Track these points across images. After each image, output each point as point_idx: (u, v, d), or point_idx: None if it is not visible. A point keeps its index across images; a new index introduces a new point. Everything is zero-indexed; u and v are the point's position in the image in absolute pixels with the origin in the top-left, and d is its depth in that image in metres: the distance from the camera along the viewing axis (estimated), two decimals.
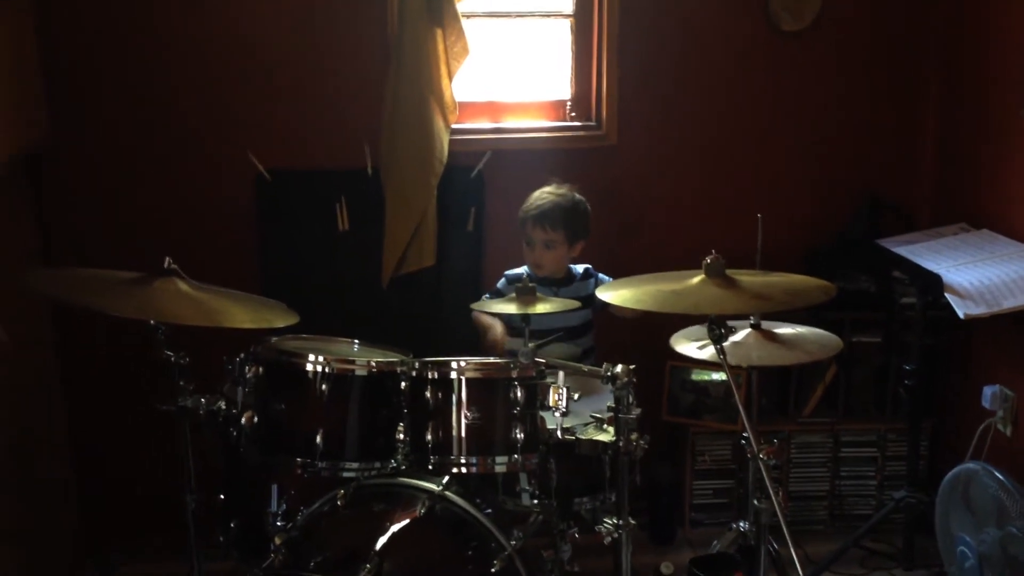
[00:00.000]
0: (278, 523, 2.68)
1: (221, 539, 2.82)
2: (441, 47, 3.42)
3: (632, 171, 3.68)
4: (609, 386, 2.47)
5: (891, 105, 3.79)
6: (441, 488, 2.56)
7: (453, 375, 2.43)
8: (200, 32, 3.42)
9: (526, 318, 2.67)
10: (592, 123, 3.69)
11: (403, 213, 3.49)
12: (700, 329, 2.77)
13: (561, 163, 3.60)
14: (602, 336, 3.39)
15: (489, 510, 2.62)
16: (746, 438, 2.72)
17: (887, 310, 3.65)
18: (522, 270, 3.30)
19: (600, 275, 3.30)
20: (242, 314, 2.56)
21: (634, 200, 3.70)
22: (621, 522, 2.42)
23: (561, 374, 2.48)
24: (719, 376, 3.67)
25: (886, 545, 3.59)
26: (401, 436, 2.52)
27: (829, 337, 2.74)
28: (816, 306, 2.40)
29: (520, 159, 3.63)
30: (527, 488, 2.66)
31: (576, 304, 2.85)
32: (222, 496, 2.80)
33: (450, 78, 3.46)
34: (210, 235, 3.52)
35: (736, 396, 2.34)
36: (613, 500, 2.69)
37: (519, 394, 2.40)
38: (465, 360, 2.46)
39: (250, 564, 2.79)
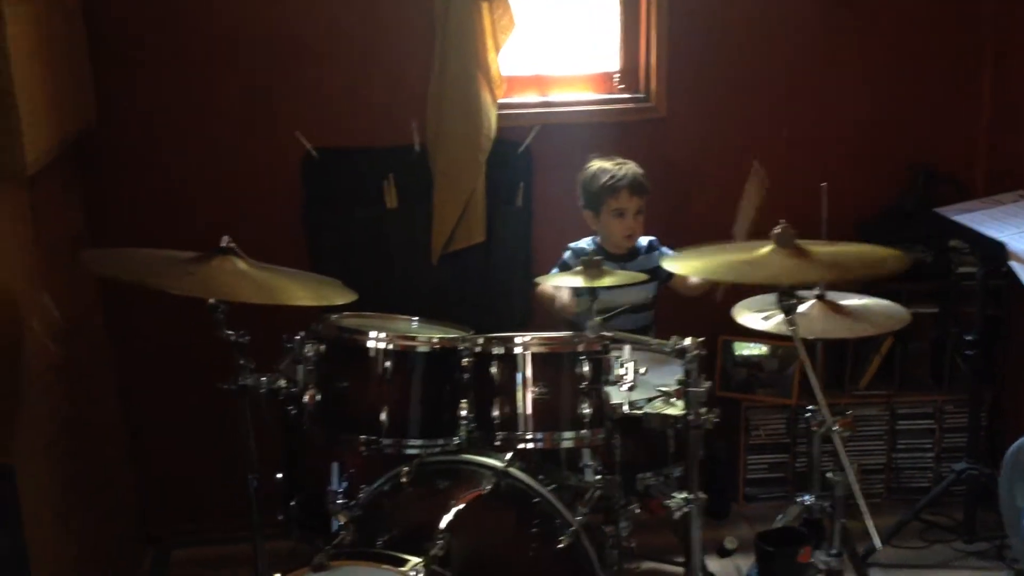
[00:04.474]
0: (339, 501, 2.66)
1: (280, 518, 2.82)
2: (487, 20, 3.37)
3: (682, 144, 3.62)
4: (674, 359, 2.44)
5: (945, 71, 3.71)
6: (505, 464, 2.54)
7: (518, 350, 2.40)
8: (246, 9, 3.38)
9: (593, 291, 2.63)
10: (641, 95, 3.63)
11: (452, 190, 3.45)
12: (763, 300, 2.73)
13: (609, 136, 3.55)
14: None
15: (553, 486, 2.60)
16: (812, 411, 2.69)
17: (943, 280, 3.59)
18: (586, 242, 3.25)
19: (664, 248, 3.24)
20: (301, 291, 2.53)
21: (684, 173, 3.64)
22: (691, 496, 2.38)
23: (627, 347, 2.45)
24: (770, 350, 3.64)
25: (946, 518, 3.54)
26: (463, 412, 2.51)
27: (896, 309, 2.69)
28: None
29: (568, 133, 3.58)
30: (590, 463, 2.63)
31: (644, 276, 2.80)
32: (280, 475, 2.80)
33: (497, 52, 3.41)
34: (257, 214, 3.49)
35: (808, 368, 2.29)
36: (677, 475, 2.69)
37: (585, 368, 2.37)
38: (530, 335, 2.43)
39: (311, 542, 2.80)
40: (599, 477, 2.61)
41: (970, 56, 3.70)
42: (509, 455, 2.55)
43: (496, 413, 2.39)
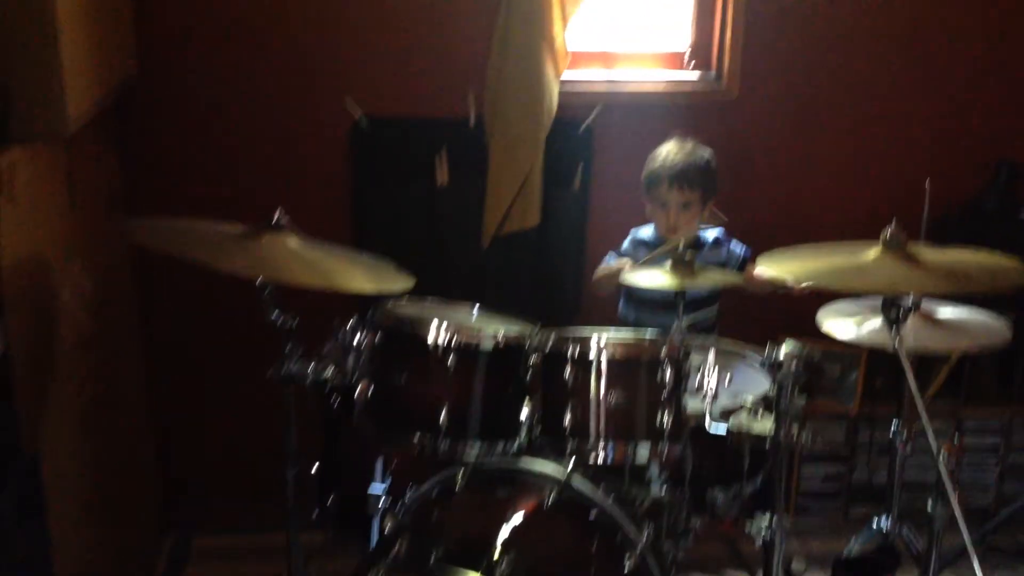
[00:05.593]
0: (382, 501, 2.49)
1: (316, 512, 2.64)
2: None
3: (754, 128, 3.40)
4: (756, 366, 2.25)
5: None
6: (567, 473, 2.34)
7: (593, 352, 2.20)
8: None
9: (681, 294, 2.42)
10: (712, 75, 3.41)
11: (508, 169, 3.24)
12: (854, 305, 2.53)
13: (677, 118, 3.32)
14: None
15: (612, 496, 2.41)
16: (895, 430, 2.51)
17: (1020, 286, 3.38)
18: (648, 230, 3.04)
19: (733, 243, 3.04)
20: (359, 276, 2.34)
21: (755, 159, 3.42)
22: (775, 521, 2.19)
23: (711, 353, 2.25)
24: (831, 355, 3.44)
25: (1010, 540, 3.35)
26: (524, 414, 2.32)
27: (996, 322, 2.47)
28: None
29: (632, 113, 3.36)
30: (657, 475, 2.44)
31: (739, 278, 2.59)
32: (316, 467, 2.62)
33: (564, 23, 3.19)
34: (300, 183, 3.30)
35: (912, 385, 2.10)
36: (750, 492, 2.50)
37: (667, 375, 2.17)
38: (607, 334, 2.23)
39: (346, 540, 2.62)
40: (665, 490, 2.41)
41: None
42: (571, 463, 2.35)
43: (568, 419, 2.18)
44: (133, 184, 3.19)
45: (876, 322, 2.43)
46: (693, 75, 3.41)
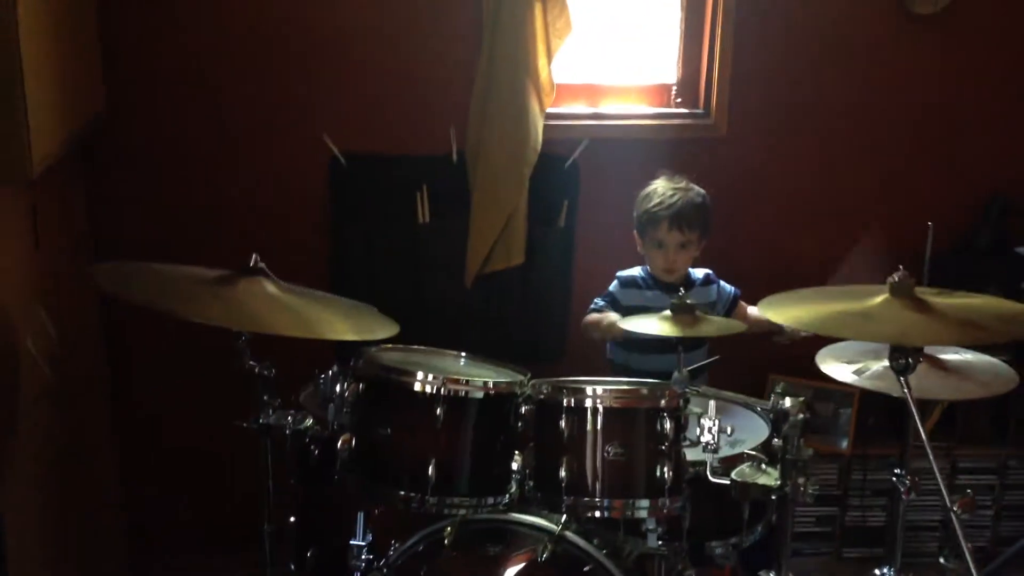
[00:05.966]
0: (363, 556, 2.37)
1: (292, 567, 2.51)
2: (540, 22, 3.06)
3: (742, 165, 3.32)
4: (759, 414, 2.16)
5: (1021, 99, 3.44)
6: (560, 527, 2.23)
7: (588, 402, 2.09)
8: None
9: (680, 341, 2.32)
10: (700, 111, 3.33)
11: (492, 206, 3.14)
12: (852, 349, 2.44)
13: (664, 154, 3.24)
14: None
15: (604, 550, 2.30)
16: (898, 475, 2.42)
17: None
18: (637, 271, 2.95)
19: (721, 282, 2.95)
20: (341, 323, 2.23)
21: (744, 197, 3.34)
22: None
23: (712, 403, 2.15)
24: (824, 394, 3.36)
25: None
26: (515, 466, 2.21)
27: (1002, 368, 2.38)
28: None
29: (619, 148, 3.28)
30: (653, 527, 2.33)
31: (742, 326, 2.49)
32: (292, 519, 2.49)
33: (549, 57, 3.11)
34: (276, 225, 3.18)
35: (923, 434, 2.01)
36: (750, 543, 2.40)
37: (667, 426, 2.07)
38: (603, 385, 2.13)
39: None
40: (661, 544, 2.31)
41: None
42: (564, 516, 2.24)
43: (563, 473, 2.07)
44: (100, 226, 3.06)
45: (877, 366, 2.34)
46: (681, 111, 3.33)
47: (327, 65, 3.13)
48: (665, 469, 2.06)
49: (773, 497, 2.06)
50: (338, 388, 2.28)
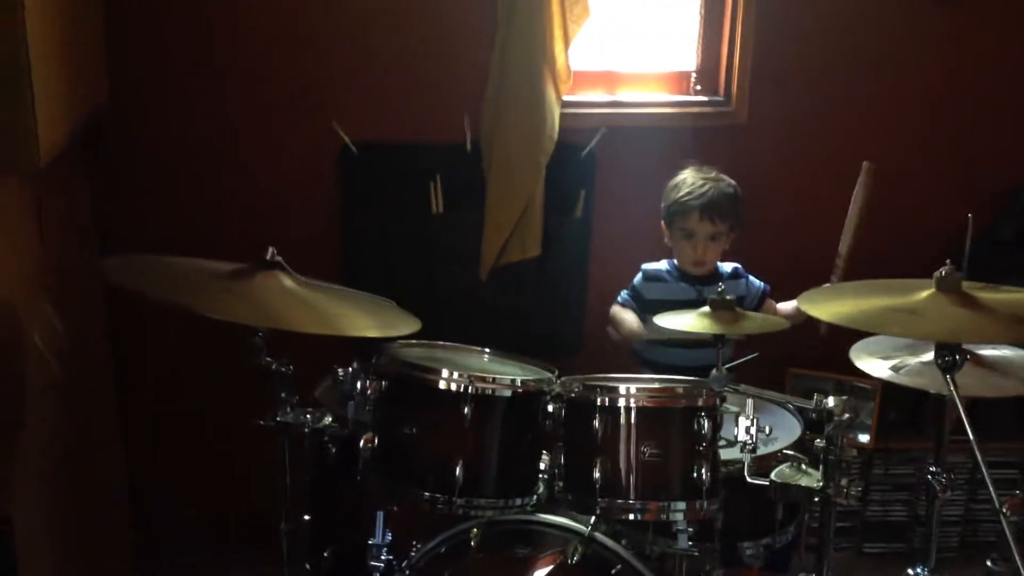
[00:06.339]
0: (382, 556, 2.29)
1: (307, 567, 2.44)
2: (557, 7, 2.97)
3: (763, 153, 3.24)
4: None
5: None
6: (590, 529, 2.16)
7: (622, 401, 2.01)
8: None
9: (720, 338, 2.24)
10: (720, 98, 3.25)
11: (507, 196, 3.06)
12: (888, 344, 2.37)
13: (683, 142, 3.18)
14: None
15: (633, 551, 2.23)
16: (934, 473, 2.35)
17: None
18: (663, 264, 2.87)
19: (751, 277, 2.87)
20: (363, 319, 2.15)
21: (764, 186, 3.24)
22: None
23: (750, 402, 2.08)
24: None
25: None
26: (543, 466, 2.14)
27: None
28: None
29: (637, 136, 3.19)
30: (683, 528, 2.25)
31: (785, 324, 2.40)
32: (307, 517, 2.41)
33: (566, 44, 3.02)
34: (285, 216, 3.09)
35: (969, 431, 1.94)
36: (782, 544, 2.34)
37: (704, 426, 1.99)
38: (637, 383, 2.05)
39: None
40: (692, 544, 2.23)
41: None
42: (593, 517, 2.16)
43: (596, 475, 2.00)
44: (105, 219, 2.97)
45: (914, 362, 2.27)
46: (700, 98, 3.25)
47: (336, 51, 3.04)
48: (702, 470, 1.99)
49: (816, 499, 1.97)
50: (359, 385, 2.20)
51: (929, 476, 2.34)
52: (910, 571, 2.52)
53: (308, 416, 2.24)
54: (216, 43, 2.98)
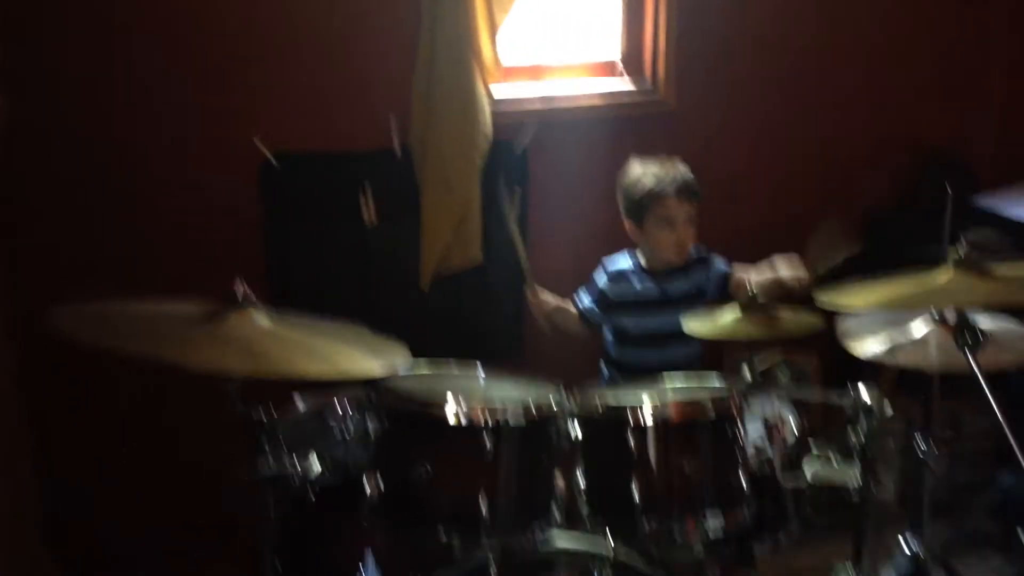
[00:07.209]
0: None
1: None
2: None
3: (695, 138, 3.18)
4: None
5: (955, 56, 3.47)
6: (615, 551, 2.04)
7: (645, 417, 1.90)
8: None
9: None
10: (647, 84, 3.17)
11: (444, 201, 2.91)
12: (877, 322, 2.33)
13: (616, 133, 3.10)
14: None
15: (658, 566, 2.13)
16: (924, 451, 2.34)
17: None
18: (623, 258, 2.76)
19: (714, 256, 2.77)
20: (359, 354, 1.94)
21: (698, 171, 3.20)
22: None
23: (775, 401, 2.01)
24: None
25: None
26: (559, 490, 2.01)
27: None
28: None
29: (568, 130, 3.09)
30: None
31: (814, 319, 2.31)
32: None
33: (493, 33, 2.88)
34: (202, 238, 2.83)
35: (996, 409, 1.91)
36: (790, 541, 2.28)
37: (737, 434, 1.91)
38: (657, 395, 1.94)
39: None
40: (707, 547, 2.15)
41: (983, 38, 3.48)
42: (613, 538, 2.05)
43: (631, 495, 1.88)
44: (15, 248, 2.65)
45: (903, 339, 2.24)
46: (627, 84, 3.17)
47: (252, 59, 2.79)
48: (737, 478, 1.90)
49: (855, 499, 1.92)
50: (351, 425, 2.01)
51: (921, 452, 2.33)
52: (903, 542, 2.52)
53: (295, 463, 2.03)
54: (114, 57, 2.69)
